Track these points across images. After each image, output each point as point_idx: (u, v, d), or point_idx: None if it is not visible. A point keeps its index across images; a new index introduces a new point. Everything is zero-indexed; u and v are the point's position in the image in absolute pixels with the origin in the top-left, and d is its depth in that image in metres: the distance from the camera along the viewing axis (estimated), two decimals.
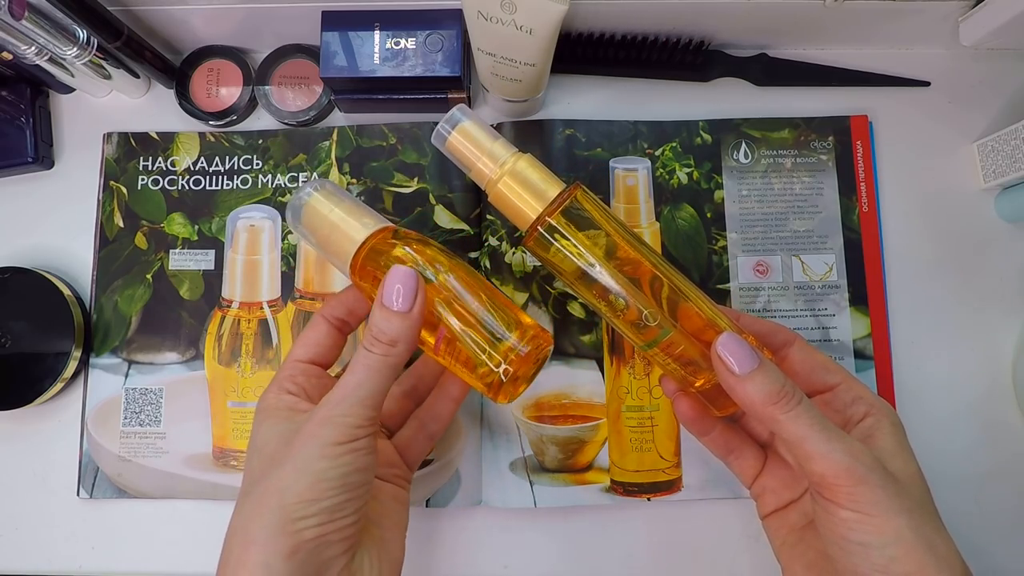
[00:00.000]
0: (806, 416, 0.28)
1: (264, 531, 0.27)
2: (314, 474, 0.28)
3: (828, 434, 0.28)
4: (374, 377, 0.30)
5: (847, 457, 0.27)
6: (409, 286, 0.30)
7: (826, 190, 0.45)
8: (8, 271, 0.44)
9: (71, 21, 0.41)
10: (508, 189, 0.31)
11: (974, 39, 0.43)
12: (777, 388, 0.29)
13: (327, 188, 0.33)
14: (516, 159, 0.31)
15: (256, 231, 0.45)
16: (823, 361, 0.33)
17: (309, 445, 0.29)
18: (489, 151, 0.31)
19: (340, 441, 0.29)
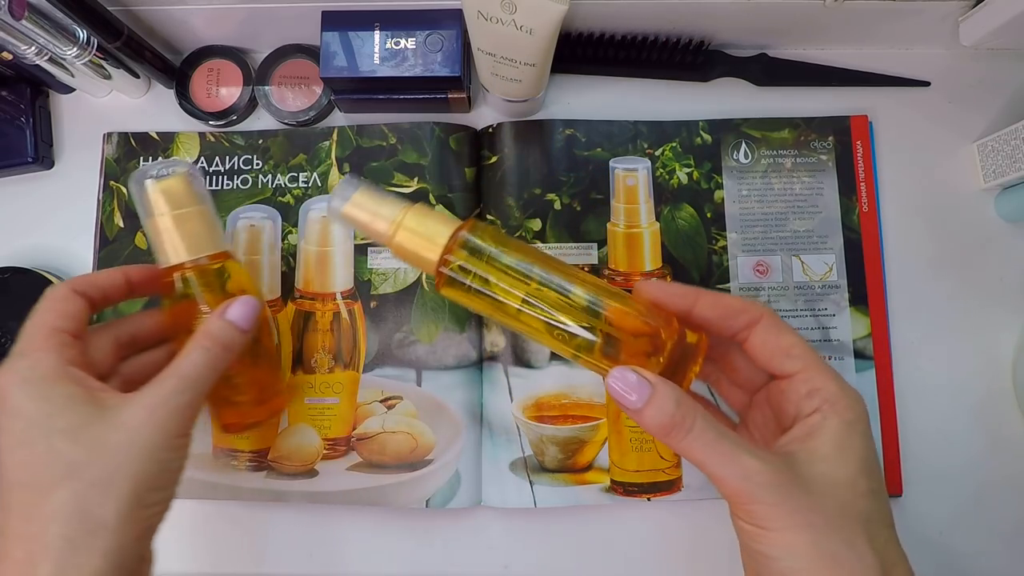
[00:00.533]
0: (698, 442, 0.28)
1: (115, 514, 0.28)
2: (162, 463, 0.30)
3: (721, 456, 0.28)
4: (212, 372, 0.32)
5: (739, 480, 0.27)
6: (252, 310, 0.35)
7: (826, 190, 0.45)
8: (8, 271, 0.44)
9: (71, 21, 0.41)
10: (406, 240, 0.32)
11: (974, 39, 0.43)
12: (667, 419, 0.28)
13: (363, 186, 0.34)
14: (406, 212, 0.32)
15: (256, 231, 0.45)
16: (786, 346, 0.31)
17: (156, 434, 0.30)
18: (380, 212, 0.32)
19: (180, 434, 0.30)
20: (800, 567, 0.26)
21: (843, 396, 0.30)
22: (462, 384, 0.43)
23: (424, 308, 0.44)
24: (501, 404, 0.43)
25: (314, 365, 0.44)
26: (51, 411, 0.29)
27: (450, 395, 0.43)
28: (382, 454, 0.42)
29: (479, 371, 0.44)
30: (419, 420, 0.43)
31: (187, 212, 0.35)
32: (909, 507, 0.43)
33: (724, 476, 0.28)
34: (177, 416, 0.30)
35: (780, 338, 0.31)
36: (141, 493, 0.29)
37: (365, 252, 0.45)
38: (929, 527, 0.43)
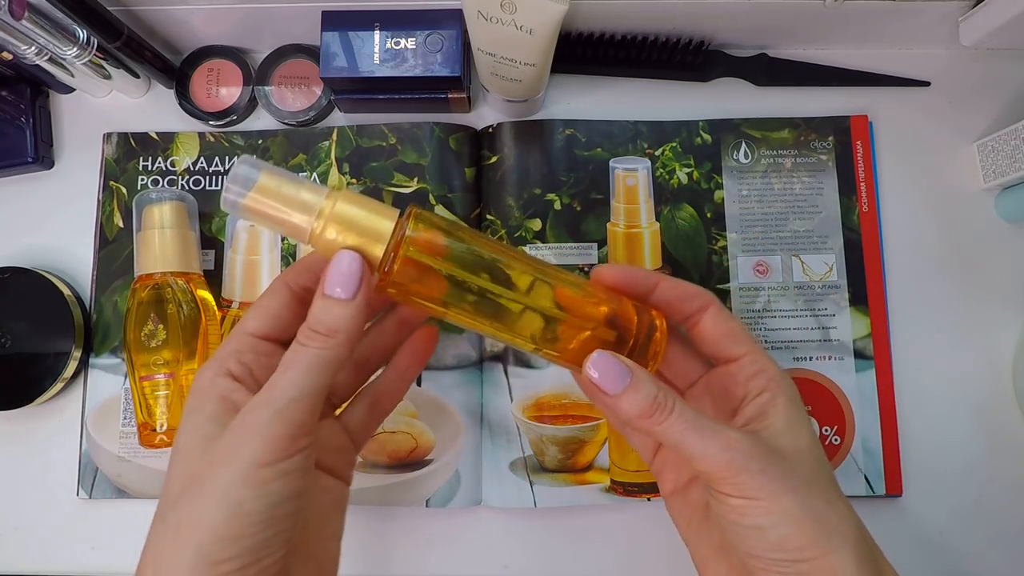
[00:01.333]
0: (679, 422, 0.27)
1: (179, 567, 0.23)
2: (234, 506, 0.23)
3: (702, 432, 0.27)
4: (311, 374, 0.25)
5: (724, 451, 0.27)
6: (353, 270, 0.26)
7: (826, 190, 0.45)
8: (8, 271, 0.44)
9: (71, 21, 0.41)
10: (339, 237, 0.27)
11: (974, 39, 0.43)
12: (648, 403, 0.27)
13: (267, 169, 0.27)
14: (334, 201, 0.27)
15: (256, 231, 0.45)
16: (733, 330, 0.32)
17: (230, 466, 0.23)
18: (299, 201, 0.26)
19: (268, 461, 0.24)
20: (792, 531, 0.26)
21: (783, 377, 0.31)
22: (462, 384, 0.43)
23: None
24: (501, 404, 0.43)
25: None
26: (184, 428, 0.26)
27: (450, 395, 0.43)
28: (382, 454, 0.42)
29: (479, 371, 0.44)
30: (419, 420, 0.43)
31: None
32: (909, 507, 0.43)
33: (708, 451, 0.27)
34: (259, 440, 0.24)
35: (728, 323, 0.32)
36: (206, 546, 0.23)
37: None
38: (929, 527, 0.43)
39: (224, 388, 0.26)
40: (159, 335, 0.40)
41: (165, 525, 0.24)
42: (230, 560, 0.23)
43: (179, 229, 0.42)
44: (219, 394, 0.26)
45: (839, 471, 0.42)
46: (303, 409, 0.25)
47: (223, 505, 0.23)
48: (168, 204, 0.42)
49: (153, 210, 0.41)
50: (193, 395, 0.26)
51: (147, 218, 0.41)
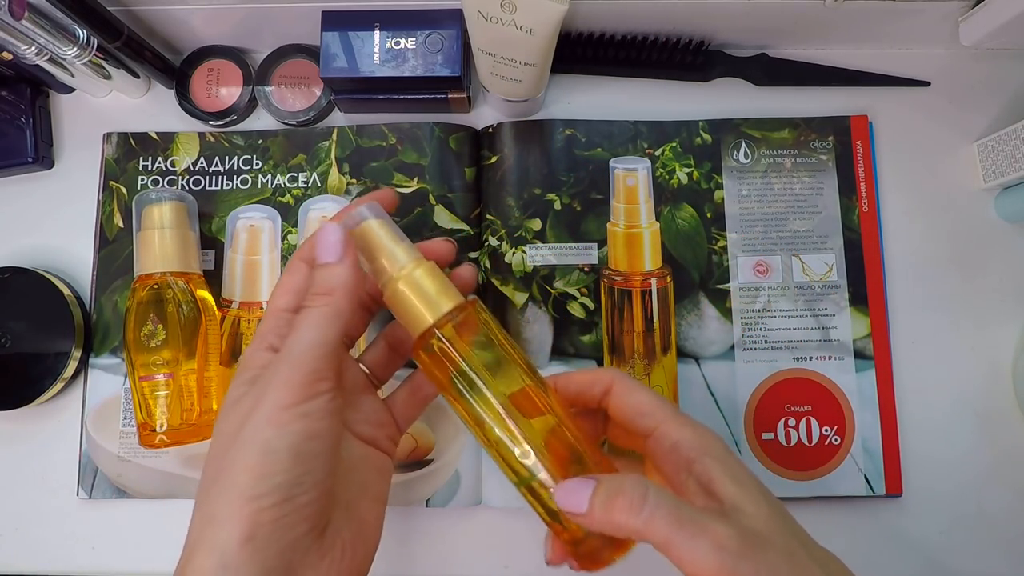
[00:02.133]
0: (660, 516, 0.26)
1: (218, 513, 0.25)
2: (261, 444, 0.25)
3: (689, 529, 0.26)
4: (316, 328, 0.28)
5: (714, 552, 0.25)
6: (335, 238, 0.29)
7: (826, 190, 0.45)
8: (8, 271, 0.44)
9: (71, 21, 0.41)
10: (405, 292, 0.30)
11: (974, 39, 0.43)
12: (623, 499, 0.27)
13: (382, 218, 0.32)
14: (415, 267, 0.30)
15: (256, 231, 0.45)
16: (637, 404, 0.30)
17: (257, 411, 0.26)
18: (394, 251, 0.31)
19: (287, 404, 0.26)
20: None
21: (702, 438, 0.29)
22: None
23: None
24: None
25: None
26: (229, 397, 0.29)
27: None
28: None
29: None
30: (419, 420, 0.43)
31: None
32: (909, 507, 0.43)
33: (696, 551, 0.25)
34: (278, 388, 0.26)
35: (631, 397, 0.31)
36: (241, 483, 0.25)
37: None
38: (929, 527, 0.43)
39: (263, 359, 0.29)
40: (159, 335, 0.40)
41: (205, 481, 0.27)
42: (265, 496, 0.25)
43: (179, 229, 0.42)
44: (259, 363, 0.29)
45: (839, 471, 0.42)
46: (316, 356, 0.27)
47: (254, 446, 0.25)
48: (168, 204, 0.42)
49: (153, 210, 0.41)
50: (239, 370, 0.29)
51: (147, 218, 0.41)
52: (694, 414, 0.43)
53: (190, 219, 0.43)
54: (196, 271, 0.43)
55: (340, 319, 0.28)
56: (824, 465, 0.42)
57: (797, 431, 0.43)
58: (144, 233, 0.41)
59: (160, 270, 0.41)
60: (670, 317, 0.44)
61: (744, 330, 0.44)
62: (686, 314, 0.44)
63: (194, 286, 0.42)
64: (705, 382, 0.43)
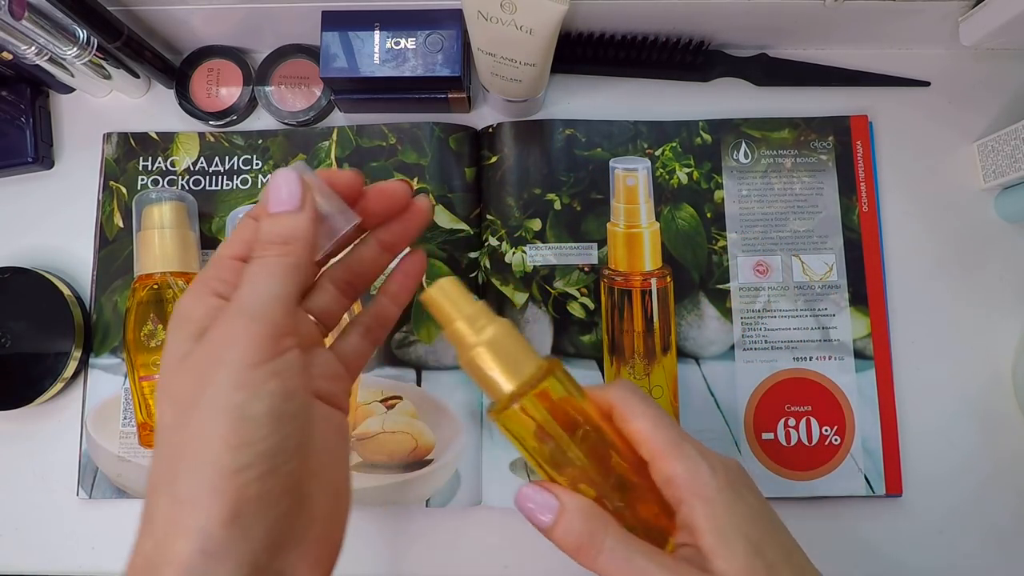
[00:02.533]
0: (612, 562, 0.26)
1: (197, 488, 0.22)
2: (234, 411, 0.22)
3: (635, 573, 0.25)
4: (275, 279, 0.24)
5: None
6: (292, 184, 0.26)
7: (826, 190, 0.45)
8: (8, 271, 0.44)
9: (71, 21, 0.41)
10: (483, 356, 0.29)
11: (974, 39, 0.43)
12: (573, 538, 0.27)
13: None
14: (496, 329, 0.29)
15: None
16: (634, 433, 0.28)
17: (219, 374, 0.22)
18: (468, 314, 0.29)
19: (255, 362, 0.23)
20: None
21: (693, 476, 0.27)
22: (462, 384, 0.43)
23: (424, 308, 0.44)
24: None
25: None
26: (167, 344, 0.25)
27: (450, 395, 0.43)
28: (382, 454, 0.42)
29: None
30: (419, 420, 0.43)
31: None
32: (909, 507, 0.43)
33: None
34: (241, 343, 0.23)
35: (629, 424, 0.29)
36: (220, 457, 0.22)
37: None
38: (929, 527, 0.43)
39: (210, 305, 0.25)
40: (159, 335, 0.40)
41: (165, 458, 0.23)
42: (248, 468, 0.22)
43: (179, 229, 0.42)
44: (204, 313, 0.24)
45: (839, 471, 0.42)
46: (279, 310, 0.24)
47: (225, 413, 0.22)
48: (168, 204, 0.42)
49: (153, 210, 0.41)
50: (175, 323, 0.25)
51: (147, 218, 0.41)
52: (694, 414, 0.43)
53: (190, 219, 0.43)
54: (196, 271, 0.43)
55: (299, 271, 0.25)
56: (824, 465, 0.42)
57: (797, 431, 0.43)
58: (144, 233, 0.41)
59: (160, 270, 0.41)
60: (670, 317, 0.44)
61: (744, 330, 0.44)
62: (686, 314, 0.44)
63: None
64: (705, 382, 0.43)
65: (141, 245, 0.41)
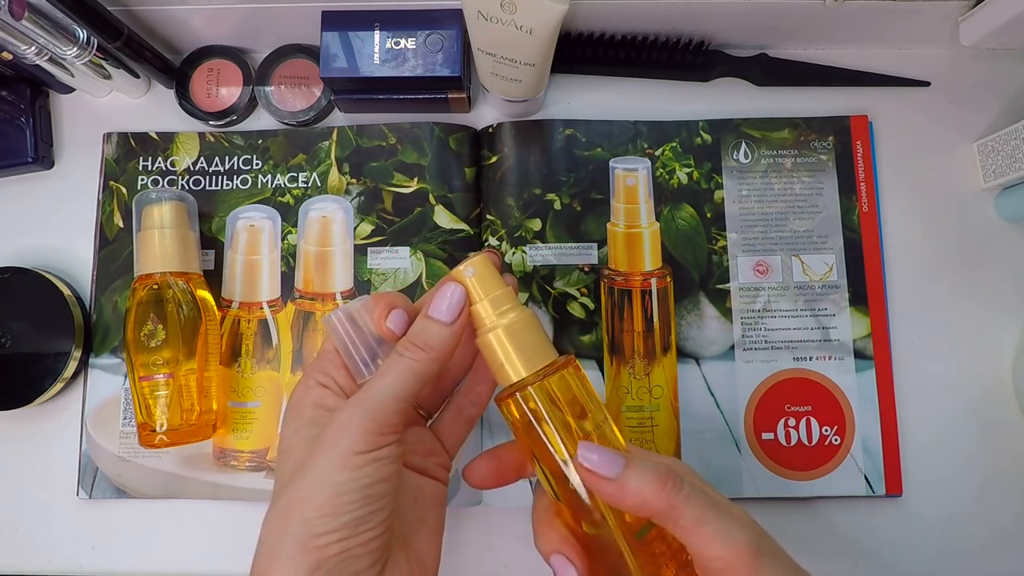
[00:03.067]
0: (697, 496, 0.27)
1: (286, 546, 0.26)
2: (334, 486, 0.27)
3: (722, 511, 0.27)
4: (401, 381, 0.29)
5: (742, 532, 0.27)
6: (456, 300, 0.30)
7: (826, 190, 0.45)
8: (8, 271, 0.44)
9: (71, 21, 0.41)
10: (500, 339, 0.30)
11: (974, 39, 0.43)
12: (662, 473, 0.27)
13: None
14: (516, 315, 0.30)
15: (256, 231, 0.45)
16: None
17: (329, 453, 0.27)
18: (494, 297, 0.30)
19: (361, 450, 0.27)
20: None
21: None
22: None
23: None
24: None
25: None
26: (286, 436, 0.30)
27: None
28: None
29: None
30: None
31: None
32: (909, 507, 0.43)
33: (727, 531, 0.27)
34: (353, 430, 0.27)
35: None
36: (310, 519, 0.26)
37: (365, 252, 0.45)
38: (929, 527, 0.43)
39: (316, 396, 0.30)
40: (159, 335, 0.40)
41: (275, 507, 0.28)
42: (331, 533, 0.26)
43: (179, 229, 0.42)
44: (312, 401, 0.30)
45: (839, 471, 0.42)
46: (392, 410, 0.28)
47: (325, 486, 0.27)
48: (168, 204, 0.42)
49: (153, 210, 0.41)
50: (290, 408, 0.31)
51: (147, 218, 0.41)
52: (694, 414, 0.43)
53: (190, 219, 0.43)
54: (196, 271, 0.43)
55: (425, 378, 0.29)
56: (824, 465, 0.42)
57: (797, 431, 0.43)
58: (144, 233, 0.41)
59: (160, 270, 0.41)
60: (670, 317, 0.44)
61: (744, 330, 0.44)
62: (686, 314, 0.44)
63: (194, 286, 0.42)
64: (705, 382, 0.43)
65: (141, 245, 0.41)
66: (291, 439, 0.30)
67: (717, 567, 0.27)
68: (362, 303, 0.32)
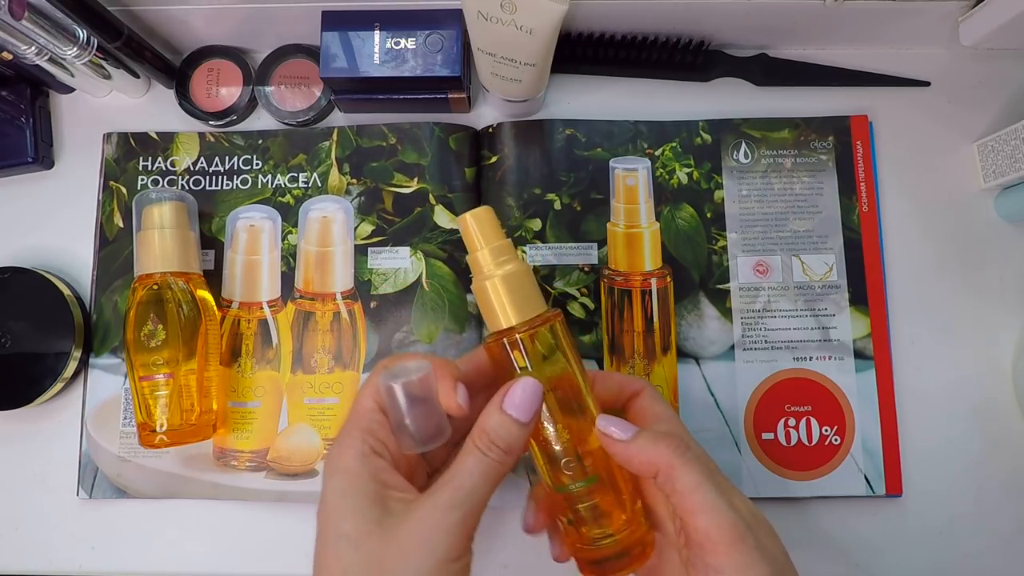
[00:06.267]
0: (697, 463, 0.29)
1: None
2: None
3: (718, 486, 0.29)
4: (488, 483, 0.28)
5: (732, 513, 0.28)
6: (533, 397, 0.30)
7: (826, 190, 0.45)
8: (8, 271, 0.44)
9: (71, 21, 0.41)
10: (495, 286, 0.31)
11: (974, 39, 0.43)
12: (672, 436, 0.30)
13: None
14: (515, 265, 0.32)
15: (256, 231, 0.45)
16: (659, 413, 0.33)
17: (428, 557, 0.27)
18: (495, 247, 0.32)
19: (455, 556, 0.27)
20: None
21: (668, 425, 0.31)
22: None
23: (424, 308, 0.44)
24: None
25: (314, 365, 0.44)
26: (343, 512, 0.28)
27: None
28: None
29: None
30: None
31: None
32: (909, 507, 0.43)
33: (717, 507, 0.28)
34: (451, 536, 0.27)
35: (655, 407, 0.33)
36: None
37: (365, 252, 0.45)
38: (929, 527, 0.43)
39: (374, 467, 0.29)
40: (159, 335, 0.40)
41: None
42: None
43: (179, 229, 0.42)
44: (371, 473, 0.29)
45: (839, 471, 0.42)
46: (479, 512, 0.28)
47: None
48: (168, 204, 0.42)
49: (153, 210, 0.41)
50: (341, 475, 0.29)
51: (147, 218, 0.41)
52: (694, 414, 0.43)
53: (190, 219, 0.43)
54: (196, 271, 0.43)
55: (503, 477, 0.29)
56: (824, 465, 0.42)
57: (797, 431, 0.43)
58: (144, 233, 0.41)
59: (160, 270, 0.41)
60: (670, 317, 0.44)
61: (744, 330, 0.44)
62: (686, 314, 0.44)
63: (194, 286, 0.42)
64: (705, 382, 0.43)
65: (141, 245, 0.41)
66: (356, 520, 0.28)
67: (700, 541, 0.28)
68: (421, 374, 0.30)
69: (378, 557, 0.27)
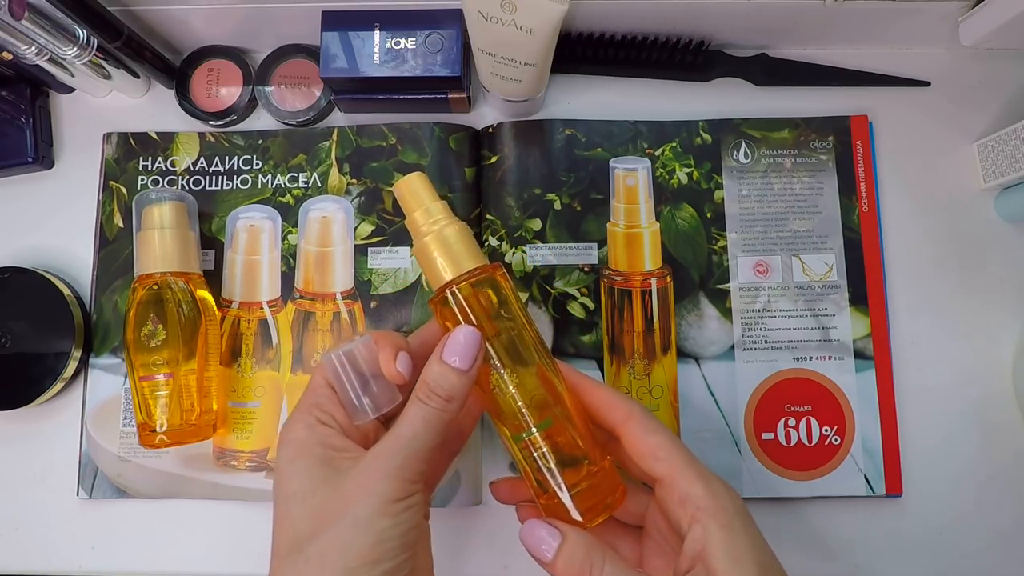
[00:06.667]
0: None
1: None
2: (376, 534, 0.27)
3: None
4: (430, 430, 0.29)
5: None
6: (472, 345, 0.30)
7: (826, 190, 0.45)
8: (8, 271, 0.44)
9: (71, 21, 0.41)
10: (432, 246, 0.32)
11: (974, 39, 0.43)
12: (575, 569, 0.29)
13: None
14: (452, 224, 0.33)
15: (256, 231, 0.45)
16: (651, 448, 0.31)
17: (369, 501, 0.27)
18: (428, 208, 0.33)
19: (399, 497, 0.28)
20: None
21: (712, 498, 0.29)
22: None
23: (424, 308, 0.44)
24: None
25: (314, 366, 0.44)
26: (291, 475, 0.29)
27: None
28: None
29: None
30: None
31: None
32: (909, 507, 0.43)
33: None
34: (391, 479, 0.28)
35: (645, 440, 0.31)
36: (353, 568, 0.26)
37: (365, 252, 0.45)
38: (929, 527, 0.43)
39: (322, 434, 0.30)
40: (159, 335, 0.40)
41: (305, 557, 0.27)
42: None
43: (179, 229, 0.42)
44: (319, 440, 0.30)
45: (839, 471, 0.42)
46: (423, 458, 0.29)
47: (368, 534, 0.27)
48: (168, 204, 0.42)
49: (153, 210, 0.41)
50: (290, 444, 0.30)
51: (147, 218, 0.41)
52: (694, 414, 0.43)
53: (190, 219, 0.43)
54: (196, 271, 0.43)
55: (447, 427, 0.30)
56: (824, 465, 0.42)
57: (797, 431, 0.43)
58: (144, 233, 0.41)
59: (160, 270, 0.41)
60: (670, 317, 0.44)
61: (744, 330, 0.44)
62: (686, 314, 0.44)
63: (194, 286, 0.42)
64: (705, 382, 0.43)
65: (141, 245, 0.41)
66: (302, 479, 0.29)
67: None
68: (363, 344, 0.32)
69: (323, 507, 0.28)
